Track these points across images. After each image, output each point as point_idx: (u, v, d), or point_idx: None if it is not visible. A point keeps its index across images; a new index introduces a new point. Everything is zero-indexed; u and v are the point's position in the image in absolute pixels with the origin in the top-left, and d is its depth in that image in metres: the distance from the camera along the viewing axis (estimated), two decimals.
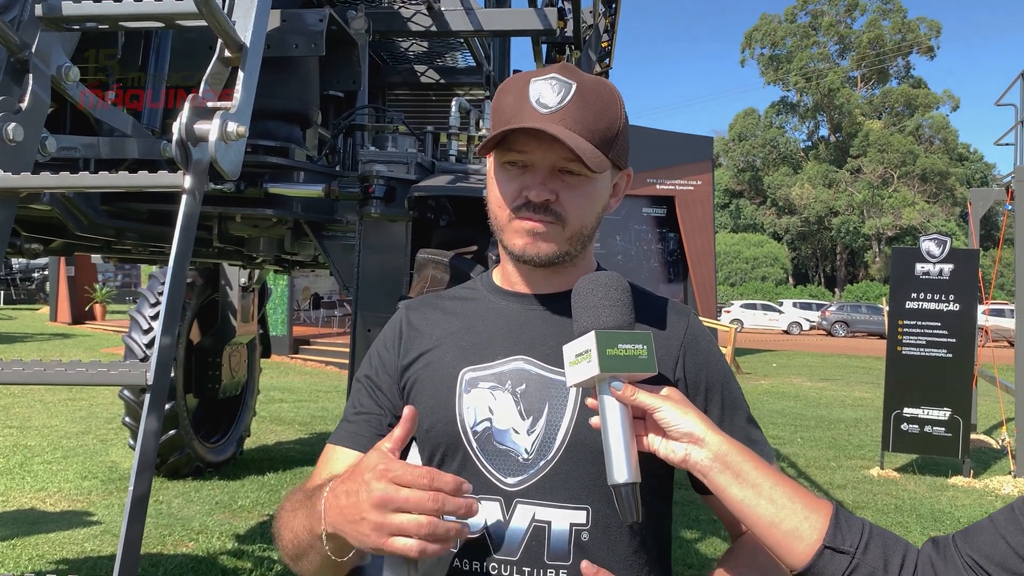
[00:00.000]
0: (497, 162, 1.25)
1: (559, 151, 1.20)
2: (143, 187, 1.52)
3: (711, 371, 1.31)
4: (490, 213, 1.29)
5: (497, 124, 1.22)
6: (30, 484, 6.85)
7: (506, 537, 1.20)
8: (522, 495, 1.20)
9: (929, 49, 61.67)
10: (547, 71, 1.24)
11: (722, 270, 51.17)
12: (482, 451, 1.23)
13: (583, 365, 1.09)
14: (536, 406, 1.23)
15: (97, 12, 1.68)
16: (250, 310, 7.54)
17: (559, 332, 1.26)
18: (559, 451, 1.21)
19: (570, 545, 1.19)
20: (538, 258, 1.25)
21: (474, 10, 3.37)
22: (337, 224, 2.94)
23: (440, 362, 1.29)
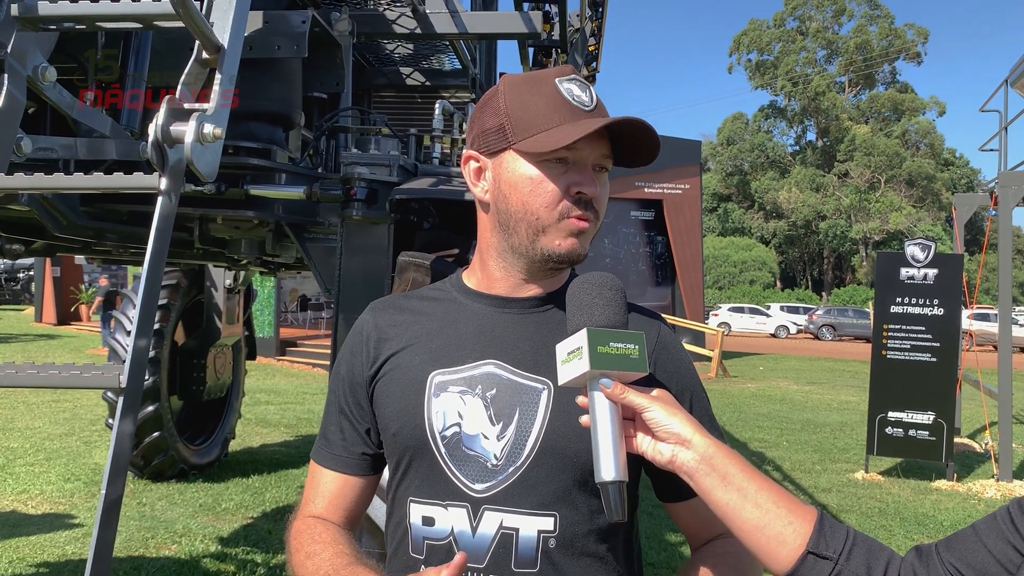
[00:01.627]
0: (535, 159, 1.21)
1: (601, 148, 1.23)
2: (118, 189, 1.51)
3: (681, 378, 1.31)
4: (518, 212, 1.23)
5: (533, 121, 1.20)
6: (11, 487, 6.80)
7: (473, 544, 1.19)
8: (490, 502, 1.19)
9: (916, 55, 62.11)
10: (563, 71, 1.25)
11: (710, 274, 51.31)
12: (450, 456, 1.22)
13: (575, 363, 1.09)
14: (506, 412, 1.22)
15: (74, 12, 1.67)
16: (235, 312, 7.51)
17: (532, 336, 1.26)
18: (528, 458, 1.20)
19: (537, 552, 1.18)
20: (579, 258, 1.25)
21: (459, 13, 3.37)
22: (319, 226, 2.93)
23: (409, 365, 1.27)
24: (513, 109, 1.22)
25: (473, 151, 1.29)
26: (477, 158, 1.28)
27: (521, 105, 1.21)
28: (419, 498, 1.23)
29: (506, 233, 1.26)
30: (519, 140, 1.21)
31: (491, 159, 1.26)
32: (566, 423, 1.20)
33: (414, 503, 1.24)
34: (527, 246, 1.24)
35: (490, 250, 1.30)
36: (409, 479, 1.25)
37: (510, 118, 1.22)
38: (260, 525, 6.05)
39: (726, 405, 13.64)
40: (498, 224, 1.27)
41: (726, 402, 14.08)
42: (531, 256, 1.25)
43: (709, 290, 47.57)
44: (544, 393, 1.22)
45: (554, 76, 1.23)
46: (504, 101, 1.23)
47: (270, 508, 6.52)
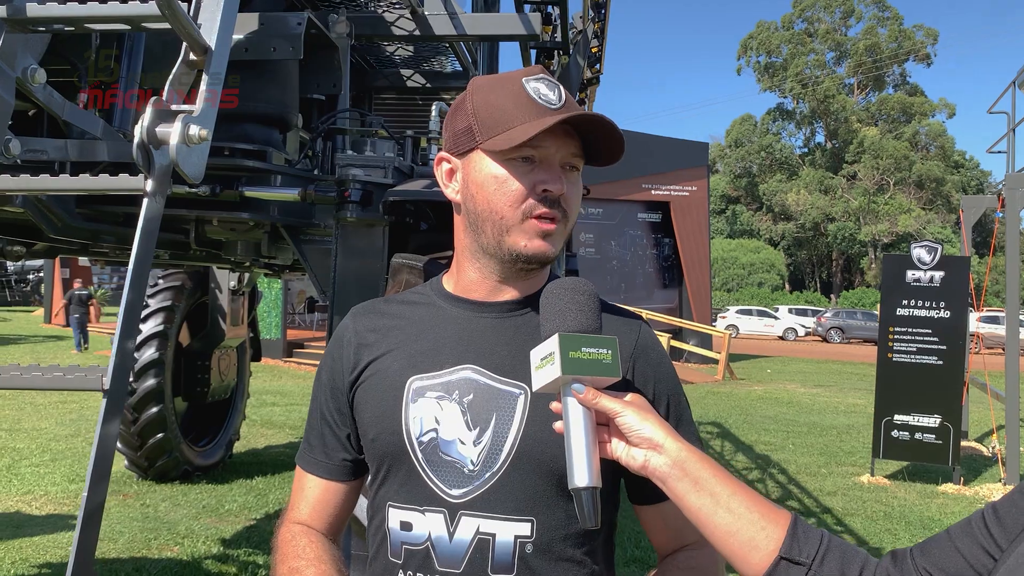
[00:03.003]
0: (501, 158, 1.20)
1: (569, 146, 1.22)
2: (104, 190, 1.51)
3: (660, 381, 1.30)
4: (484, 212, 1.22)
5: (499, 120, 1.19)
6: (16, 487, 6.82)
7: (450, 550, 1.18)
8: (466, 507, 1.19)
9: (925, 56, 61.84)
10: (531, 71, 1.24)
11: (718, 276, 51.20)
12: (427, 462, 1.21)
13: (547, 368, 1.08)
14: (483, 417, 1.21)
15: (62, 14, 1.67)
16: (240, 313, 7.53)
17: (510, 341, 1.25)
18: (505, 463, 1.19)
19: (514, 557, 1.18)
20: (546, 258, 1.23)
21: (458, 15, 3.36)
22: (315, 228, 2.93)
23: (388, 370, 1.27)
24: (480, 109, 1.22)
25: (445, 152, 1.29)
26: (448, 159, 1.28)
27: (487, 105, 1.21)
28: (397, 503, 1.23)
29: (476, 233, 1.25)
30: (485, 139, 1.20)
31: (461, 160, 1.26)
32: (542, 428, 1.19)
33: (392, 508, 1.23)
34: (494, 246, 1.23)
35: (464, 252, 1.29)
36: (388, 484, 1.25)
37: (477, 118, 1.21)
38: (263, 527, 6.05)
39: (732, 408, 13.60)
40: (468, 224, 1.26)
41: (732, 404, 14.04)
42: (500, 256, 1.24)
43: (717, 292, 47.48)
44: (521, 398, 1.21)
45: (521, 76, 1.22)
46: (472, 102, 1.23)
47: (273, 510, 6.53)
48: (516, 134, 1.17)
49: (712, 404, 13.96)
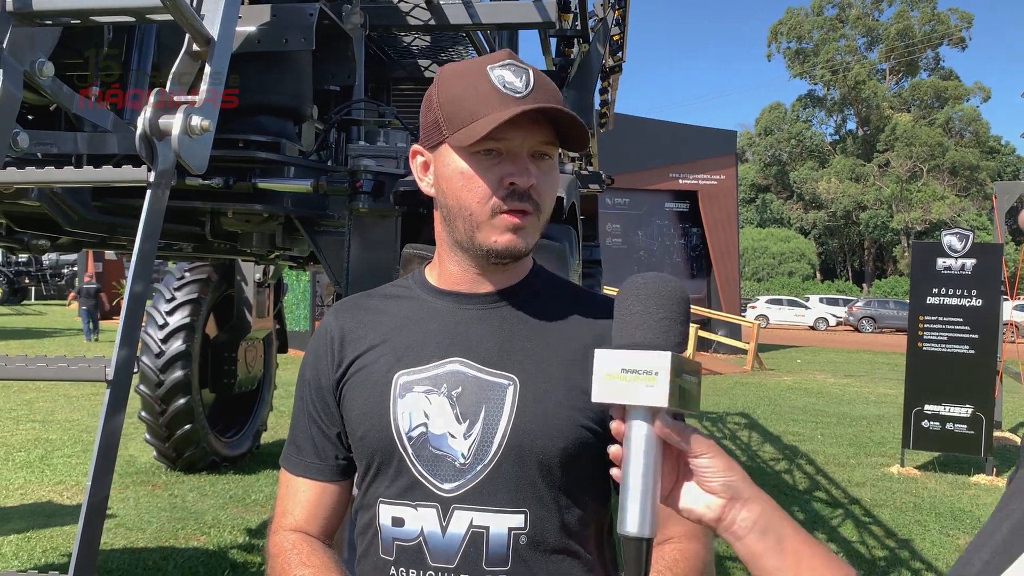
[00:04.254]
0: (466, 152, 1.18)
1: (537, 135, 1.18)
2: (108, 182, 1.52)
3: None
4: (454, 209, 1.21)
5: (461, 114, 1.16)
6: (49, 477, 6.95)
7: (443, 544, 1.17)
8: (459, 501, 1.17)
9: (960, 40, 60.72)
10: (497, 57, 1.20)
11: (748, 265, 50.77)
12: (418, 457, 1.20)
13: (639, 386, 0.91)
14: (472, 409, 1.19)
15: (67, 7, 1.68)
16: (266, 305, 7.60)
17: (496, 332, 1.24)
18: (496, 455, 1.18)
19: (509, 550, 1.17)
20: (519, 253, 1.21)
21: (472, 4, 3.35)
22: (329, 219, 2.94)
23: (374, 366, 1.25)
24: (445, 102, 1.19)
25: (418, 145, 1.27)
26: (422, 152, 1.26)
27: (452, 97, 1.18)
28: (388, 499, 1.22)
29: (450, 228, 1.23)
30: (450, 133, 1.18)
31: (432, 153, 1.24)
32: (533, 419, 1.18)
33: (383, 504, 1.22)
34: (467, 241, 1.21)
35: (443, 244, 1.28)
36: (378, 481, 1.24)
37: (443, 111, 1.19)
38: None
39: (761, 398, 13.49)
40: (443, 219, 1.25)
41: (761, 395, 13.93)
42: (473, 251, 1.22)
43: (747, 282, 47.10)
44: (510, 389, 1.20)
45: (487, 64, 1.19)
46: (437, 94, 1.21)
47: None
48: (477, 128, 1.14)
49: (740, 395, 13.87)
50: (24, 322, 25.41)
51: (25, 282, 36.43)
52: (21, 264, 35.21)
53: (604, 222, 20.73)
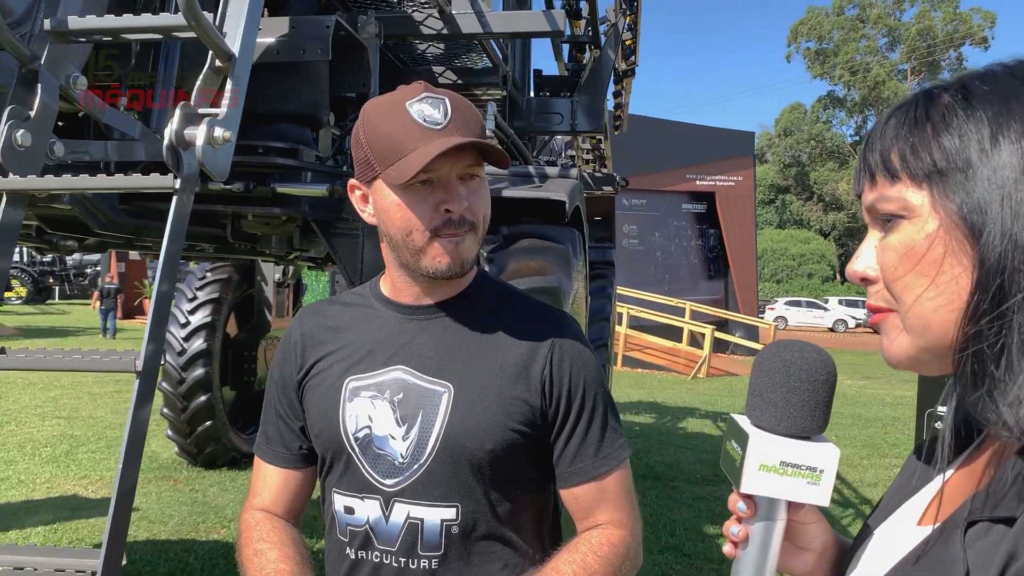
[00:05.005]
0: (398, 187, 1.26)
1: (463, 160, 1.27)
2: (137, 188, 1.64)
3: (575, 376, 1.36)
4: (396, 238, 1.29)
5: (390, 151, 1.24)
6: (74, 472, 7.12)
7: (386, 531, 1.31)
8: (399, 495, 1.30)
9: (983, 40, 60.18)
10: (413, 92, 1.27)
11: (767, 267, 50.60)
12: (363, 455, 1.32)
13: (799, 483, 0.82)
14: (411, 414, 1.31)
15: (100, 26, 1.81)
16: (285, 305, 7.74)
17: (436, 342, 1.34)
18: (430, 456, 1.30)
19: (441, 537, 1.30)
20: (462, 270, 1.31)
21: (485, 14, 3.46)
22: (344, 222, 3.06)
23: (329, 371, 1.38)
24: (372, 141, 1.27)
25: (355, 180, 1.36)
26: (359, 186, 1.35)
27: (378, 137, 1.26)
28: (340, 490, 1.35)
29: (396, 253, 1.33)
30: (382, 170, 1.26)
31: (368, 187, 1.33)
32: (464, 423, 1.29)
33: (336, 494, 1.36)
34: (413, 264, 1.31)
35: (390, 264, 1.38)
36: (332, 473, 1.37)
37: (372, 149, 1.27)
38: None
39: None
40: (388, 244, 1.34)
41: None
42: (418, 273, 1.32)
43: (767, 284, 46.96)
44: (445, 396, 1.31)
45: (404, 99, 1.26)
46: (364, 133, 1.29)
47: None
48: (406, 166, 1.22)
49: None
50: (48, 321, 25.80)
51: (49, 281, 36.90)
52: (45, 264, 35.70)
53: (621, 223, 20.81)
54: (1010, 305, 0.65)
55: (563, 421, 1.35)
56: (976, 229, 0.68)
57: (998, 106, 0.69)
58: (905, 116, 0.75)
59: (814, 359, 0.85)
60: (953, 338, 0.70)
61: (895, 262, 0.74)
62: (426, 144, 1.22)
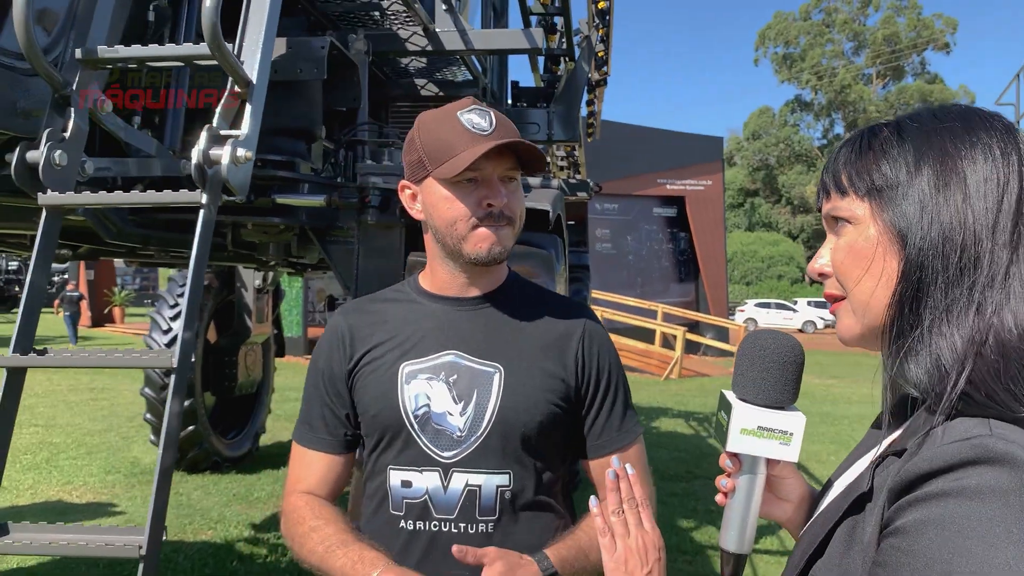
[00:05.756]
0: (448, 183, 1.45)
1: (504, 163, 1.47)
2: (168, 203, 1.80)
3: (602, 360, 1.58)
4: (442, 228, 1.48)
5: (442, 151, 1.44)
6: (57, 478, 7.18)
7: (444, 500, 1.47)
8: (457, 465, 1.47)
9: (945, 45, 61.44)
10: (464, 104, 1.49)
11: (737, 269, 51.20)
12: (422, 431, 1.49)
13: (771, 443, 1.03)
14: (467, 392, 1.49)
15: (128, 55, 1.97)
16: (265, 311, 7.83)
17: (482, 329, 1.53)
18: (487, 429, 1.47)
19: (496, 502, 1.47)
20: (500, 257, 1.49)
21: (467, 31, 3.65)
22: (339, 230, 3.23)
23: (382, 359, 1.53)
24: (426, 143, 1.48)
25: (406, 181, 1.56)
26: (409, 186, 1.55)
27: (432, 139, 1.47)
28: (398, 465, 1.50)
29: (441, 244, 1.52)
30: (434, 168, 1.46)
31: (418, 186, 1.53)
32: (516, 400, 1.48)
33: (393, 470, 1.51)
34: (456, 252, 1.50)
35: (435, 257, 1.57)
36: (388, 452, 1.52)
37: (425, 151, 1.47)
38: None
39: None
40: (434, 236, 1.54)
41: None
42: (461, 260, 1.51)
43: (736, 286, 47.51)
44: (496, 376, 1.50)
45: (456, 110, 1.47)
46: (419, 138, 1.50)
47: None
48: (457, 163, 1.42)
49: None
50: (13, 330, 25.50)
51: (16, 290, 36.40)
52: (11, 272, 35.20)
53: (594, 228, 21.07)
54: (926, 292, 0.86)
55: (592, 398, 1.56)
56: (902, 234, 0.89)
57: (922, 140, 0.90)
58: (853, 146, 0.97)
59: (785, 345, 1.06)
60: (885, 317, 0.90)
61: (843, 258, 0.96)
62: (474, 146, 1.41)
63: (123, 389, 12.40)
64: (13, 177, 1.90)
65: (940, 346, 0.84)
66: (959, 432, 0.78)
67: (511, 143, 1.45)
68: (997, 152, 0.87)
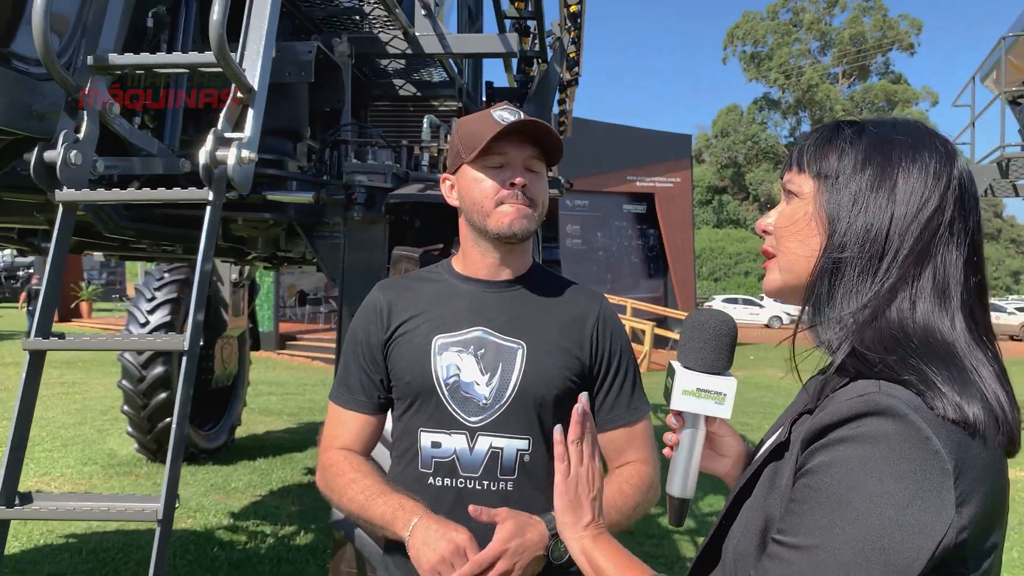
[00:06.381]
0: (478, 167, 1.66)
1: (528, 150, 1.67)
2: (177, 200, 1.96)
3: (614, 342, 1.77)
4: (471, 207, 1.67)
5: (473, 139, 1.65)
6: (33, 469, 7.23)
7: (470, 460, 1.65)
8: (482, 429, 1.65)
9: (910, 46, 62.39)
10: (498, 105, 1.70)
11: (705, 266, 51.74)
12: (452, 398, 1.66)
13: (709, 403, 1.20)
14: (493, 365, 1.67)
15: (136, 62, 2.12)
16: (241, 305, 7.92)
17: (509, 309, 1.72)
18: (510, 398, 1.66)
19: (516, 463, 1.66)
20: (521, 233, 1.67)
21: (445, 36, 3.81)
22: (325, 225, 3.39)
23: (417, 331, 1.71)
24: (462, 135, 1.69)
25: (446, 174, 1.76)
26: (448, 178, 1.76)
27: (466, 132, 1.68)
28: (429, 428, 1.68)
29: (471, 223, 1.71)
30: (467, 156, 1.66)
31: (455, 175, 1.73)
32: (536, 374, 1.67)
33: (424, 432, 1.68)
34: (482, 228, 1.68)
35: (467, 240, 1.75)
36: (420, 415, 1.70)
37: (462, 143, 1.68)
38: (268, 502, 6.51)
39: None
40: (465, 218, 1.73)
41: None
42: (489, 235, 1.69)
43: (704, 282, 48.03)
44: (519, 352, 1.68)
45: (491, 109, 1.68)
46: (457, 134, 1.71)
47: (276, 487, 6.97)
48: (481, 143, 1.62)
49: None
50: None
51: None
52: None
53: (564, 224, 21.28)
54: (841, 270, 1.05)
55: (604, 375, 1.75)
56: (832, 218, 1.07)
57: (874, 145, 1.08)
58: (821, 133, 1.16)
59: (720, 320, 1.24)
60: (805, 280, 1.09)
61: (784, 223, 1.14)
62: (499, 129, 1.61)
63: (95, 383, 12.40)
64: (32, 175, 2.04)
65: (844, 317, 1.04)
66: (856, 391, 0.96)
67: (529, 125, 1.63)
68: (931, 172, 1.04)
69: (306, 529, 5.80)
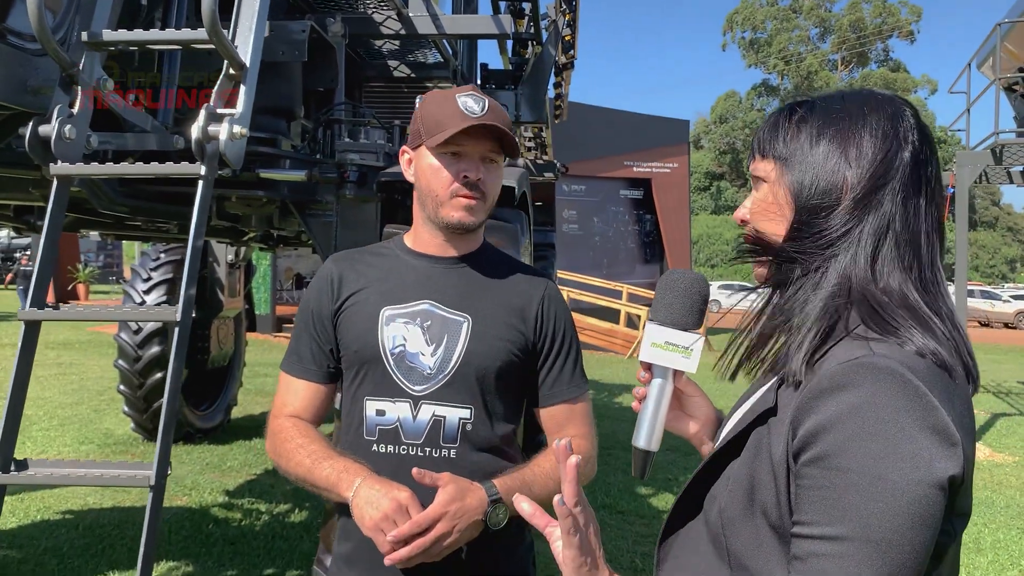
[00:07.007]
0: (435, 152, 1.68)
1: (486, 144, 1.70)
2: (169, 175, 1.99)
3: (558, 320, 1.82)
4: (425, 192, 1.71)
5: (434, 126, 1.67)
6: (30, 448, 7.27)
7: (413, 428, 1.70)
8: (426, 398, 1.70)
9: (909, 33, 62.31)
10: (464, 89, 1.72)
11: (703, 252, 51.80)
12: (397, 367, 1.71)
13: (676, 356, 1.25)
14: (438, 337, 1.72)
15: (130, 39, 2.14)
16: (236, 286, 7.95)
17: (456, 284, 1.76)
18: (453, 368, 1.70)
19: (458, 432, 1.70)
20: (470, 226, 1.72)
21: (439, 16, 3.83)
22: (318, 203, 3.42)
23: (366, 302, 1.76)
24: (424, 117, 1.71)
25: (406, 147, 1.80)
26: (407, 151, 1.79)
27: (429, 114, 1.70)
28: (374, 396, 1.73)
29: (423, 206, 1.76)
30: (426, 139, 1.69)
31: (414, 152, 1.76)
32: (480, 346, 1.72)
33: (368, 400, 1.73)
34: (433, 215, 1.73)
35: (418, 219, 1.80)
36: (365, 383, 1.74)
37: (423, 124, 1.71)
38: (263, 480, 6.57)
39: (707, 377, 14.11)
40: (418, 199, 1.77)
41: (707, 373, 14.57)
42: (438, 223, 1.74)
43: (701, 268, 48.06)
44: (465, 325, 1.73)
45: (456, 93, 1.71)
46: (420, 112, 1.74)
47: (271, 466, 7.00)
48: (442, 136, 1.65)
49: None
50: None
51: None
52: None
53: (561, 208, 21.29)
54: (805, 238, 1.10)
55: (547, 353, 1.79)
56: (795, 194, 1.12)
57: (824, 119, 1.14)
58: (775, 119, 1.20)
59: (691, 279, 1.29)
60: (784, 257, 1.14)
61: (756, 208, 1.20)
62: (461, 124, 1.64)
63: (91, 364, 12.45)
64: (27, 149, 2.08)
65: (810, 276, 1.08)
66: (845, 355, 0.99)
67: (490, 126, 1.66)
68: (879, 134, 1.10)
69: (300, 507, 5.87)
